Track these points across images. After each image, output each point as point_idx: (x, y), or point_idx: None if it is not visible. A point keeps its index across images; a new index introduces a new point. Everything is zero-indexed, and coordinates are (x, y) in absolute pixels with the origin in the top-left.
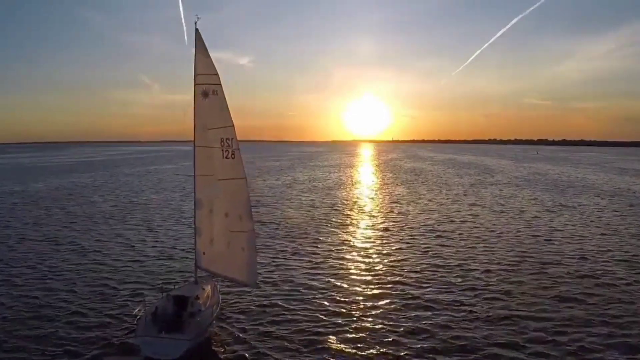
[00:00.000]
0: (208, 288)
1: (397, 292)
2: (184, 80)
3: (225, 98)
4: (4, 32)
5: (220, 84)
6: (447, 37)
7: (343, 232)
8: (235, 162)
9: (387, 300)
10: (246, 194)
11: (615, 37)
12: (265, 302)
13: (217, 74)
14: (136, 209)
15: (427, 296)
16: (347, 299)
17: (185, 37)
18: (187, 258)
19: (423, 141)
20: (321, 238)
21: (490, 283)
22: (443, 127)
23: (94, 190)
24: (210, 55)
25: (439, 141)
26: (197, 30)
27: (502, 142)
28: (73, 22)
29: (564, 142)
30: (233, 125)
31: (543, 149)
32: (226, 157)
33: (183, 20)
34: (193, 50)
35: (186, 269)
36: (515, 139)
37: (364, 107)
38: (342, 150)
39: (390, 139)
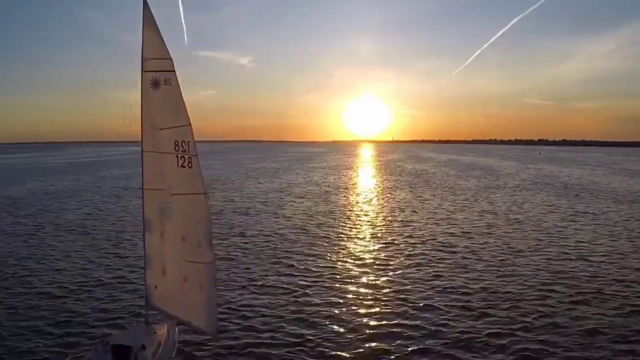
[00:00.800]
0: (162, 332)
1: (405, 330)
2: (184, 81)
3: (179, 89)
4: (4, 32)
5: (174, 71)
6: (447, 37)
7: (340, 247)
8: (193, 172)
9: (394, 345)
10: (206, 213)
11: (615, 37)
12: (238, 351)
13: (170, 59)
14: (109, 219)
15: (442, 338)
16: (340, 342)
17: (185, 37)
18: (143, 289)
19: (423, 141)
20: (314, 254)
21: (519, 317)
22: (443, 127)
23: (73, 196)
24: (210, 55)
25: (439, 141)
26: (145, 3)
27: (502, 142)
28: (73, 22)
29: (564, 142)
30: (190, 125)
31: (544, 149)
32: (182, 166)
33: (183, 21)
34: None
35: (142, 303)
36: (516, 139)
37: (364, 107)
38: (342, 151)
39: (390, 139)
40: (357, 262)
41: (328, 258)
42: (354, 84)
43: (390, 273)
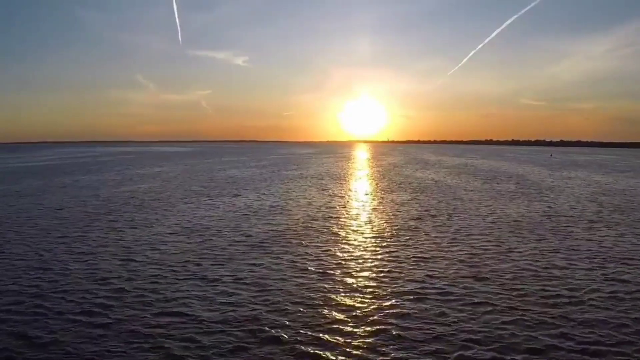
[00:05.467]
0: None
1: None
2: (179, 80)
3: None
4: (3, 32)
5: None
6: (444, 37)
7: None
8: None
9: None
10: None
11: (612, 38)
12: None
13: None
14: None
15: None
16: None
17: (180, 37)
18: None
19: (419, 142)
20: None
21: None
22: (439, 128)
23: None
24: (206, 55)
25: (435, 142)
26: None
27: (499, 142)
28: (71, 22)
29: (561, 143)
30: None
31: (546, 150)
32: None
33: (177, 20)
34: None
35: None
36: (513, 140)
37: (360, 107)
38: (336, 152)
39: (386, 140)
40: None
41: None
42: (350, 84)
43: None
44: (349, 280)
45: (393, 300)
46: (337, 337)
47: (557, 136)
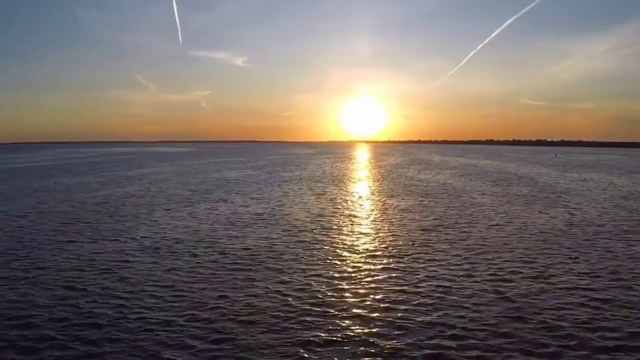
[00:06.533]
0: None
1: None
2: (179, 80)
3: None
4: (3, 32)
5: None
6: (444, 37)
7: None
8: None
9: None
10: None
11: (612, 38)
12: None
13: None
14: None
15: None
16: None
17: (180, 37)
18: None
19: (419, 142)
20: None
21: None
22: (439, 128)
23: None
24: (205, 55)
25: (435, 142)
26: None
27: (499, 142)
28: (72, 22)
29: (562, 143)
30: None
31: (547, 150)
32: None
33: (177, 20)
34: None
35: None
36: (514, 140)
37: (360, 107)
38: (336, 153)
39: (386, 140)
40: None
41: None
42: (350, 84)
43: None
44: (349, 310)
45: (409, 340)
46: None
47: (558, 136)
